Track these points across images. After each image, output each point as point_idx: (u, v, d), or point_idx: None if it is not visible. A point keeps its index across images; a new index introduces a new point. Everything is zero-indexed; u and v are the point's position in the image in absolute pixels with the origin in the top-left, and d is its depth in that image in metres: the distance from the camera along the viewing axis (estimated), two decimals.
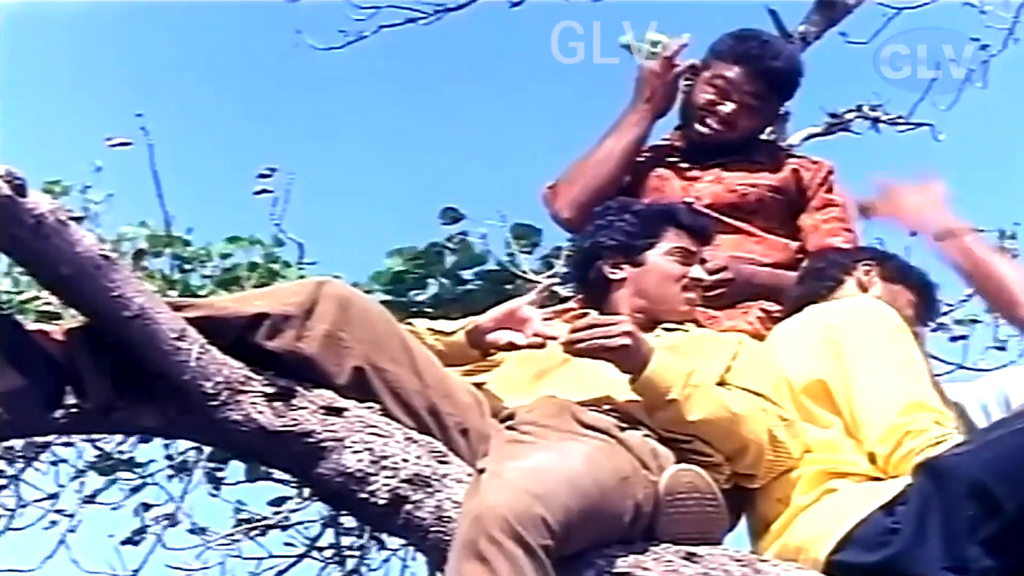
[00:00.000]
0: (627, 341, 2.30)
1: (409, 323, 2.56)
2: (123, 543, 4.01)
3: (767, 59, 3.11)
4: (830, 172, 3.15)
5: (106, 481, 3.96)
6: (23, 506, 3.93)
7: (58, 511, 3.97)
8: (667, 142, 3.20)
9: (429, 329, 2.54)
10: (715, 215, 2.96)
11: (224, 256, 3.70)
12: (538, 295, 2.57)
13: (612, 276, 2.67)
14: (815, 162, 3.21)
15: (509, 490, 1.96)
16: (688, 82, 3.14)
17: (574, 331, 2.33)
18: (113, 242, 3.65)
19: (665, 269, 2.66)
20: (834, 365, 2.48)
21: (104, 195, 3.80)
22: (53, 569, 3.97)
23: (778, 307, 2.87)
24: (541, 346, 2.47)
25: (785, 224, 3.08)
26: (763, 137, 3.40)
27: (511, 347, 2.50)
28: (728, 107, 3.08)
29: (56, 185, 3.75)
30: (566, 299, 2.99)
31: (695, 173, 3.10)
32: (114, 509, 3.98)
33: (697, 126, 3.11)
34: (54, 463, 3.89)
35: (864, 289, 2.73)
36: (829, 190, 3.12)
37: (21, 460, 3.81)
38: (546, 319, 2.55)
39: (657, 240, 2.69)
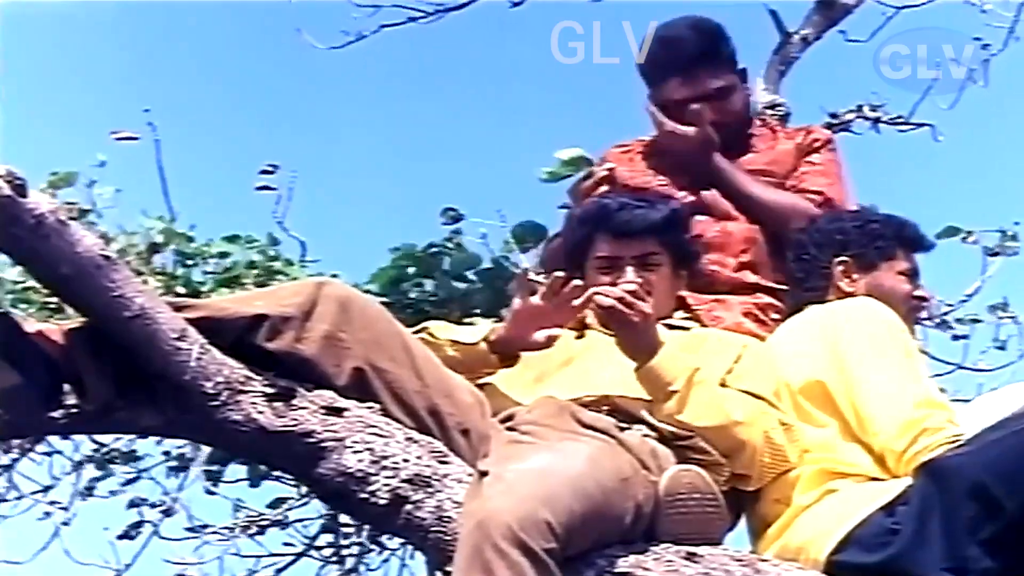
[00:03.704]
0: (639, 317, 2.32)
1: (425, 327, 2.55)
2: (119, 537, 4.00)
3: (690, 52, 3.01)
4: (828, 140, 3.10)
5: (102, 474, 3.95)
6: (18, 498, 3.92)
7: (52, 503, 3.96)
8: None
9: (450, 340, 2.50)
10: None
11: (223, 256, 3.70)
12: (527, 284, 2.55)
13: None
14: (794, 130, 3.18)
15: (513, 495, 1.96)
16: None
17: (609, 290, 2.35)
18: (127, 234, 3.64)
19: (594, 283, 2.54)
20: (834, 366, 2.47)
21: (109, 190, 3.79)
22: (46, 562, 3.97)
23: (770, 299, 2.86)
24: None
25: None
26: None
27: (553, 340, 2.46)
28: (706, 114, 2.98)
29: (60, 177, 3.72)
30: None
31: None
32: (112, 495, 3.96)
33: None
34: (48, 454, 3.88)
35: (848, 295, 2.69)
36: (815, 151, 3.06)
37: (16, 451, 3.80)
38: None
39: (587, 253, 2.65)
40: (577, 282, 2.44)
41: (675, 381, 2.33)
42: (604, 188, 2.92)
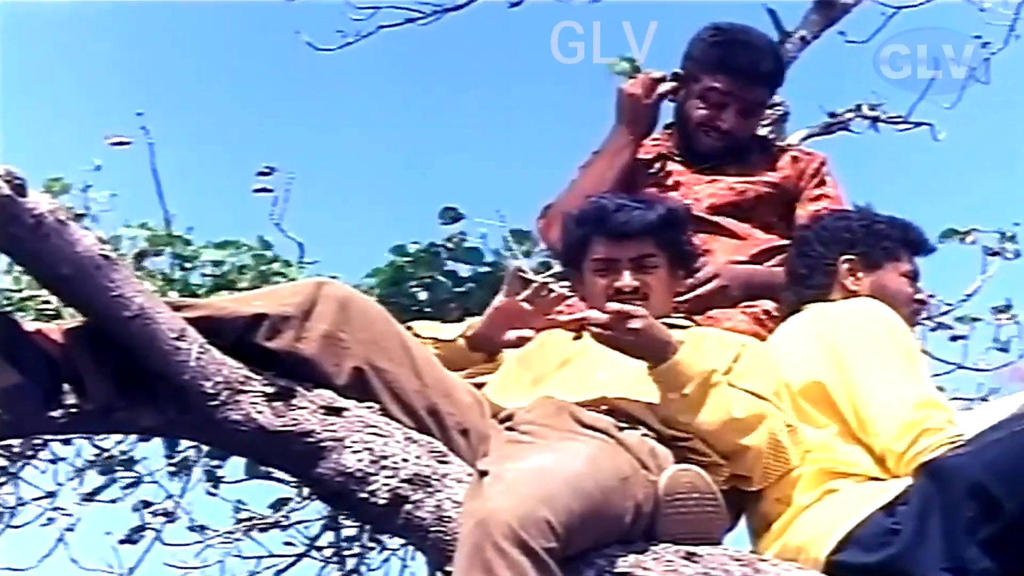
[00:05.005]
0: (630, 338, 2.30)
1: (410, 327, 2.56)
2: (121, 542, 4.00)
3: (756, 64, 3.07)
4: (822, 163, 3.12)
5: (105, 480, 3.95)
6: (21, 504, 3.92)
7: (56, 509, 3.96)
8: (657, 143, 3.16)
9: (430, 338, 2.54)
10: (713, 218, 2.96)
11: (216, 263, 3.70)
12: (516, 285, 2.55)
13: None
14: (808, 154, 3.20)
15: (513, 494, 1.96)
16: (673, 94, 3.12)
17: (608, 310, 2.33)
18: (113, 239, 3.64)
19: (591, 285, 2.59)
20: (833, 367, 2.47)
21: (104, 194, 3.80)
22: (50, 567, 3.97)
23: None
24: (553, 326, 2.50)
25: (785, 218, 3.06)
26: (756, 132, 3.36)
27: (524, 341, 2.50)
28: (728, 121, 3.03)
29: (56, 183, 3.74)
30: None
31: (691, 176, 3.08)
32: (113, 502, 3.96)
33: (703, 138, 3.06)
34: (52, 461, 3.88)
35: (852, 293, 2.68)
36: (821, 182, 3.08)
37: (20, 458, 3.80)
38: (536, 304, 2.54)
39: (584, 254, 2.64)
40: (559, 289, 2.46)
41: (688, 384, 2.31)
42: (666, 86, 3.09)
